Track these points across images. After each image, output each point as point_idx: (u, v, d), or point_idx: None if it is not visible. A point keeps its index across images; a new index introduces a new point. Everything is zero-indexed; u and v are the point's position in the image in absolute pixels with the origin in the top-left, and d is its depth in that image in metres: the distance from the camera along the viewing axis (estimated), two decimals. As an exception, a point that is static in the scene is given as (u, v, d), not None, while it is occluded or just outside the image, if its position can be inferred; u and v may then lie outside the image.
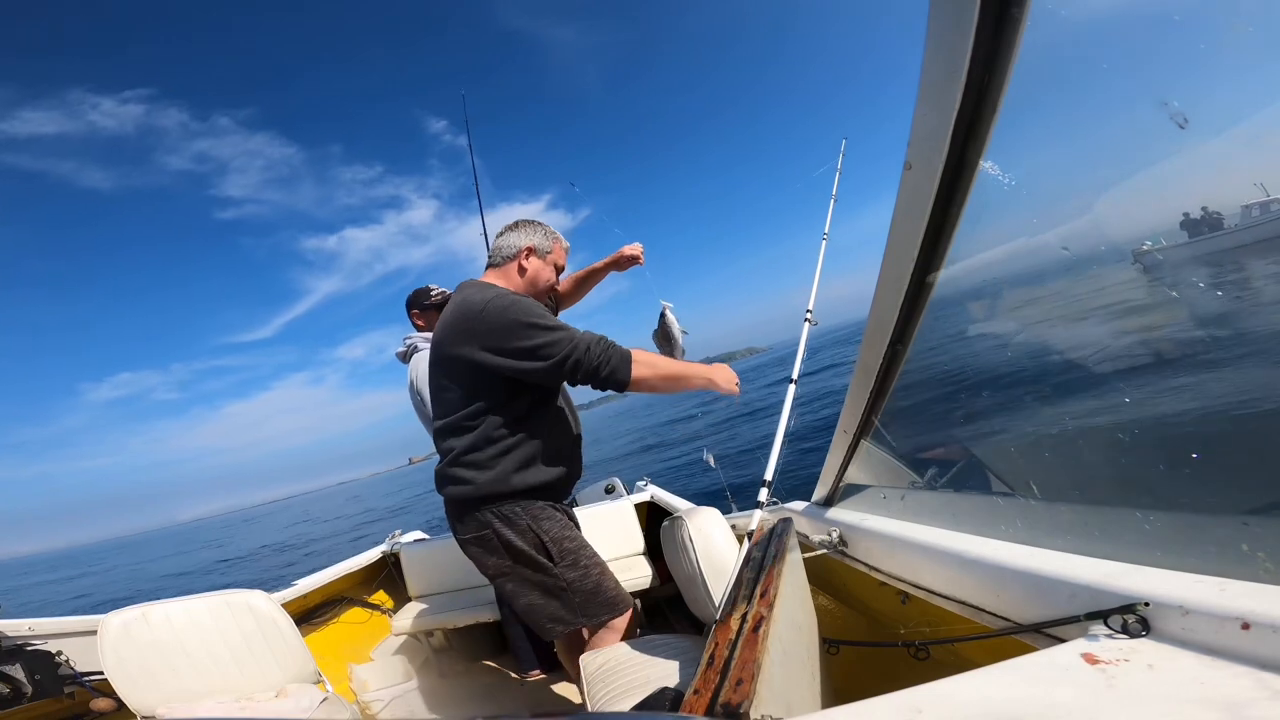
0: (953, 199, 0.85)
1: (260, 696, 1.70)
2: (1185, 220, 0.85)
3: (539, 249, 1.59)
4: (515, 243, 1.58)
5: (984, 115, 0.76)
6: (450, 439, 1.46)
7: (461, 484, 1.43)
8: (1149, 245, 0.84)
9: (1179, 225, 0.85)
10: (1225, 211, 0.86)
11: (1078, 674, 0.58)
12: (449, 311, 1.48)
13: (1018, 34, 0.69)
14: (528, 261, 1.58)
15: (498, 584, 1.50)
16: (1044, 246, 0.94)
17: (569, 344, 1.36)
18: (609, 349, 1.39)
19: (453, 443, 1.45)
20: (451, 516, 1.51)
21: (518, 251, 1.57)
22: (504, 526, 1.43)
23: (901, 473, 1.35)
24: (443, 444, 1.49)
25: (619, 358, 1.39)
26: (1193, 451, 0.83)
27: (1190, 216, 0.85)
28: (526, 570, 1.45)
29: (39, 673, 1.83)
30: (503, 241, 1.59)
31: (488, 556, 1.46)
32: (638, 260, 1.92)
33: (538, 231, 1.60)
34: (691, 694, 0.66)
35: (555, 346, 1.36)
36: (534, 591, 1.45)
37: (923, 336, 1.07)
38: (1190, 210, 0.85)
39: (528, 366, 1.37)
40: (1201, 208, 0.85)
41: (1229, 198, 0.86)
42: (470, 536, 1.46)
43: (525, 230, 1.60)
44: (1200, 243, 0.86)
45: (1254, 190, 0.81)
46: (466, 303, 1.43)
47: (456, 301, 1.48)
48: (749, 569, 1.03)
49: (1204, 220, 0.85)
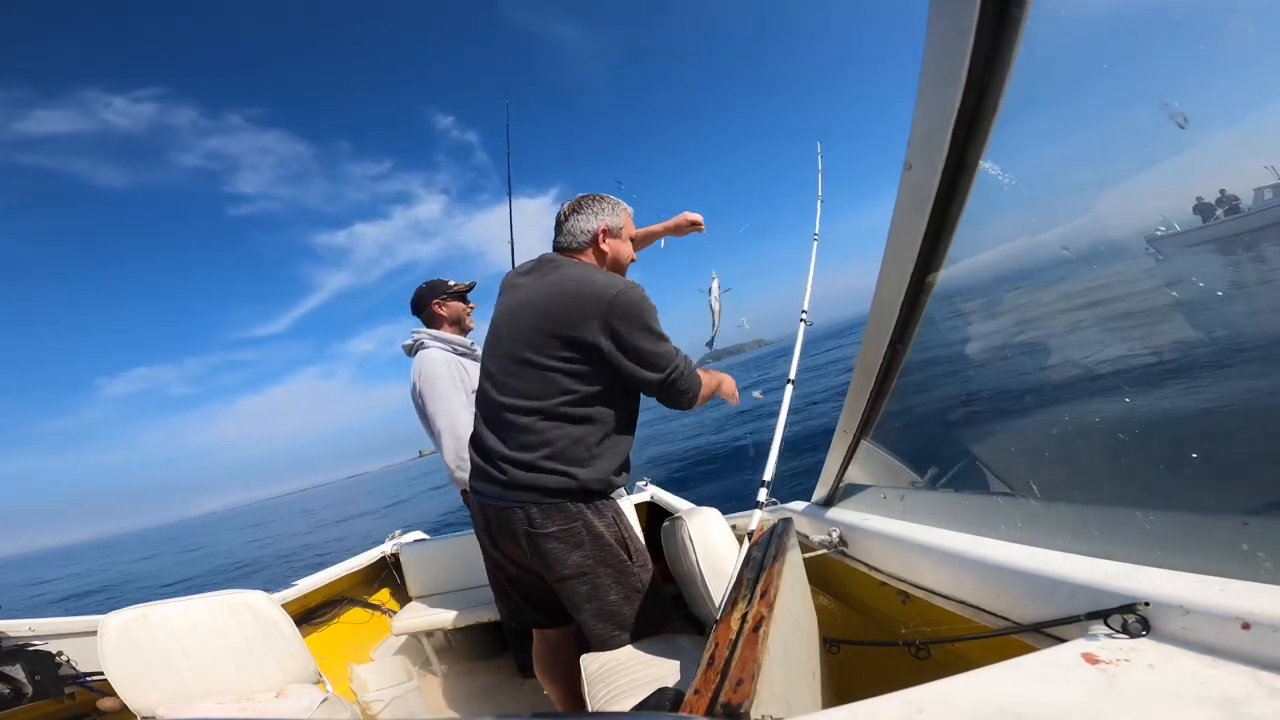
0: (953, 199, 0.85)
1: (260, 697, 1.70)
2: (1199, 204, 0.85)
3: (612, 228, 1.52)
4: (587, 227, 1.50)
5: (984, 115, 0.76)
6: (545, 423, 1.35)
7: (558, 475, 1.33)
8: (1163, 230, 0.83)
9: (1192, 210, 0.84)
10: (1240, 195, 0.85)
11: (1078, 674, 0.58)
12: (559, 283, 1.38)
13: (1018, 34, 0.69)
14: (606, 244, 1.51)
15: (569, 586, 1.37)
16: (1044, 246, 0.94)
17: (673, 359, 1.37)
18: (693, 374, 1.40)
19: (547, 427, 1.34)
20: (526, 507, 1.36)
21: (593, 235, 1.50)
22: (595, 517, 1.37)
23: (901, 473, 1.35)
24: (526, 423, 1.36)
25: (697, 385, 1.41)
26: (1193, 451, 0.83)
27: (1203, 200, 0.85)
28: (608, 569, 1.38)
29: (39, 673, 1.83)
30: (572, 226, 1.51)
31: (570, 552, 1.35)
32: (698, 227, 1.90)
33: (605, 207, 1.53)
34: (692, 694, 0.66)
35: (666, 359, 1.36)
36: (613, 591, 1.38)
37: (923, 336, 1.07)
38: (1204, 195, 0.84)
39: (641, 373, 1.34)
40: (1219, 190, 0.85)
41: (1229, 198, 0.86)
42: (555, 530, 1.34)
43: (592, 210, 1.52)
44: (1213, 226, 0.86)
45: (1265, 174, 0.80)
46: (591, 283, 1.35)
47: (572, 276, 1.39)
48: (749, 569, 1.03)
49: (1220, 203, 0.85)
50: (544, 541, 1.35)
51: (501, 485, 1.38)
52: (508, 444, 1.38)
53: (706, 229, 1.90)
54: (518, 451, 1.36)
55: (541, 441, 1.35)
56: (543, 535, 1.35)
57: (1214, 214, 0.85)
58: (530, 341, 1.37)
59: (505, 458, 1.37)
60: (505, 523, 1.40)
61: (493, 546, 1.50)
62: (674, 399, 1.40)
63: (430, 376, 2.08)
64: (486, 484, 1.43)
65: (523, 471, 1.35)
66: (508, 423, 1.38)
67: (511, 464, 1.36)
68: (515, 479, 1.36)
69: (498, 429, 1.41)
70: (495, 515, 1.42)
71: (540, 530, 1.35)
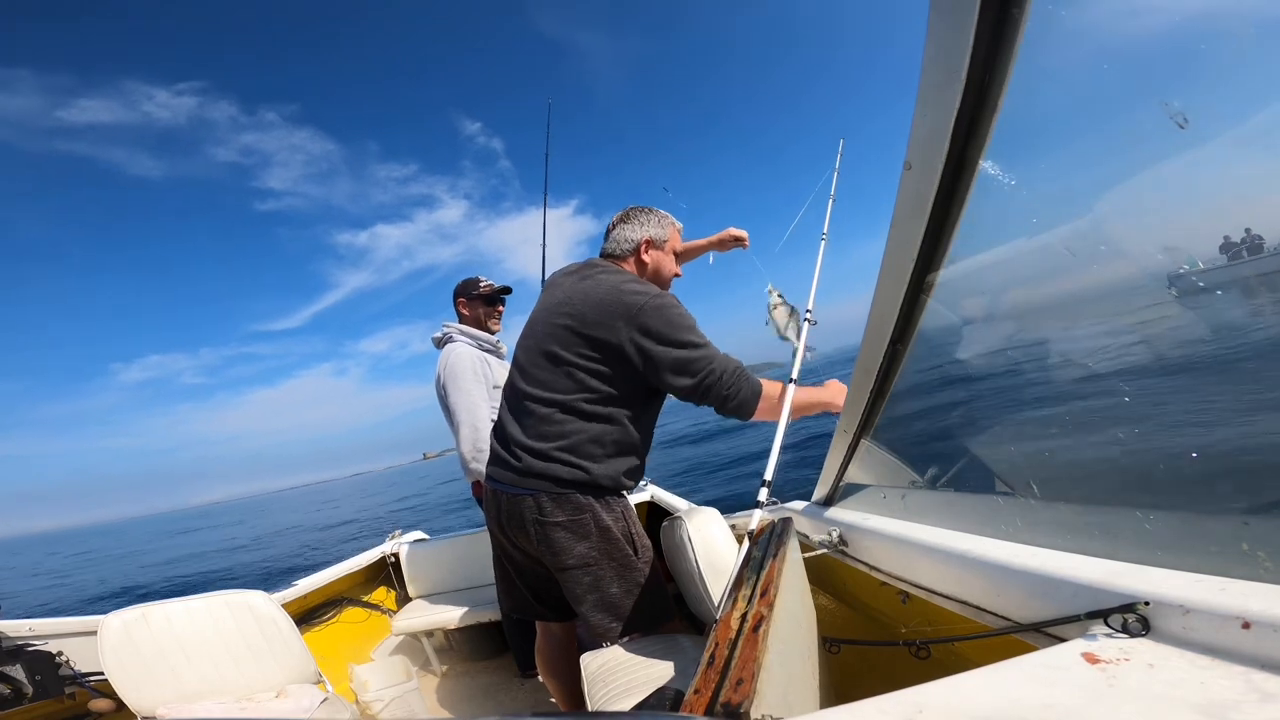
0: (953, 199, 0.85)
1: (260, 696, 1.71)
2: (1225, 244, 0.85)
3: (656, 240, 1.57)
4: (631, 236, 1.55)
5: (984, 115, 0.76)
6: (563, 415, 1.38)
7: (571, 467, 1.37)
8: (1186, 268, 0.83)
9: (1218, 249, 0.85)
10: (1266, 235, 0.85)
11: (1078, 673, 0.58)
12: (593, 287, 1.42)
13: (1018, 34, 0.69)
14: (648, 255, 1.56)
15: (572, 576, 1.40)
16: (1044, 246, 0.94)
17: (708, 364, 1.36)
18: (740, 380, 1.37)
19: (565, 420, 1.38)
20: (537, 495, 1.39)
21: (636, 246, 1.55)
22: (604, 511, 1.40)
23: (901, 472, 1.35)
24: (546, 414, 1.39)
25: (749, 392, 1.38)
26: (1193, 451, 0.83)
27: (1230, 240, 0.85)
28: (612, 562, 1.40)
29: (39, 673, 1.83)
30: (618, 235, 1.57)
31: (576, 542, 1.38)
32: (742, 243, 1.92)
33: (651, 220, 1.57)
34: (691, 694, 0.66)
35: (698, 364, 1.35)
36: (615, 584, 1.40)
37: (923, 336, 1.07)
38: (1205, 195, 0.84)
39: (670, 380, 1.36)
40: (1245, 229, 0.85)
41: (1229, 198, 0.86)
42: (563, 519, 1.37)
43: (638, 220, 1.57)
44: (1239, 266, 0.86)
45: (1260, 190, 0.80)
46: (621, 289, 1.39)
47: (606, 282, 1.43)
48: (749, 569, 1.03)
49: (1244, 244, 0.85)
50: (551, 530, 1.38)
51: (516, 472, 1.41)
52: (526, 432, 1.42)
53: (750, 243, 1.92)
54: (534, 440, 1.40)
55: (558, 433, 1.38)
56: (551, 524, 1.38)
57: (1240, 253, 0.86)
58: (559, 337, 1.41)
59: (522, 445, 1.41)
60: (515, 510, 1.43)
61: (502, 534, 1.53)
62: (719, 405, 1.39)
63: (455, 369, 2.15)
64: (501, 469, 1.46)
65: (537, 460, 1.38)
66: (529, 411, 1.42)
67: (527, 451, 1.40)
68: (529, 467, 1.39)
69: (519, 416, 1.45)
70: (507, 502, 1.45)
71: (549, 519, 1.38)
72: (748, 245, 1.93)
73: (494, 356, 2.30)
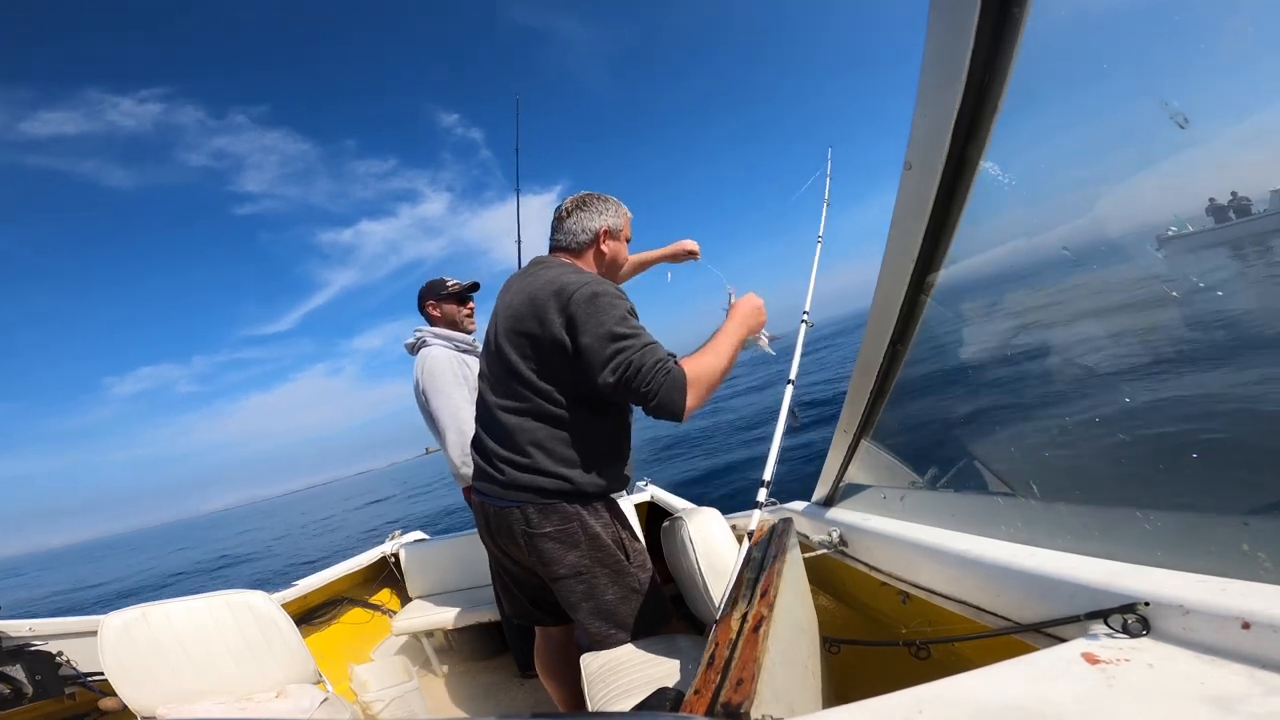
0: (953, 199, 0.85)
1: (260, 697, 1.71)
2: (1211, 206, 0.84)
3: (613, 229, 1.51)
4: (590, 225, 1.48)
5: (984, 115, 0.76)
6: (534, 423, 1.34)
7: (554, 477, 1.33)
8: (1174, 230, 0.82)
9: (1205, 211, 0.83)
10: (1253, 198, 0.85)
11: (1078, 673, 0.58)
12: (532, 284, 1.36)
13: (1018, 34, 0.69)
14: (606, 245, 1.50)
15: (566, 585, 1.37)
16: (1044, 246, 0.94)
17: (626, 355, 1.22)
18: (658, 375, 1.19)
19: (535, 428, 1.33)
20: (523, 506, 1.35)
21: (594, 235, 1.48)
22: (592, 518, 1.36)
23: (901, 473, 1.35)
24: (516, 424, 1.35)
25: (671, 385, 1.19)
26: (1193, 451, 0.83)
27: (1216, 202, 0.84)
28: (605, 569, 1.37)
29: (40, 673, 1.83)
30: (574, 224, 1.48)
31: (567, 552, 1.35)
32: (694, 255, 1.92)
33: (609, 208, 1.51)
34: (692, 694, 0.66)
35: (616, 356, 1.22)
36: (610, 590, 1.37)
37: (923, 336, 1.07)
38: (1205, 195, 0.83)
39: (595, 377, 1.24)
40: (1231, 192, 0.84)
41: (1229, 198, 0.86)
42: (551, 530, 1.34)
43: (595, 209, 1.50)
44: (1227, 228, 0.85)
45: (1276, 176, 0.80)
46: (556, 281, 1.31)
47: (543, 276, 1.36)
48: (749, 569, 1.03)
49: (1231, 206, 0.84)
50: (540, 541, 1.36)
51: (500, 485, 1.38)
52: (502, 444, 1.39)
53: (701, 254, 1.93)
54: (511, 452, 1.36)
55: (532, 441, 1.34)
56: (539, 535, 1.35)
57: (1226, 215, 0.85)
58: (512, 342, 1.37)
59: (501, 458, 1.38)
60: (504, 522, 1.41)
61: (494, 544, 1.51)
62: (643, 407, 1.24)
63: (433, 374, 2.09)
64: (487, 483, 1.43)
65: (519, 472, 1.35)
66: (500, 422, 1.39)
67: (508, 464, 1.37)
68: (513, 479, 1.36)
69: (493, 429, 1.42)
70: (494, 515, 1.43)
71: (537, 530, 1.35)
72: (699, 257, 1.92)
73: (471, 356, 2.24)
